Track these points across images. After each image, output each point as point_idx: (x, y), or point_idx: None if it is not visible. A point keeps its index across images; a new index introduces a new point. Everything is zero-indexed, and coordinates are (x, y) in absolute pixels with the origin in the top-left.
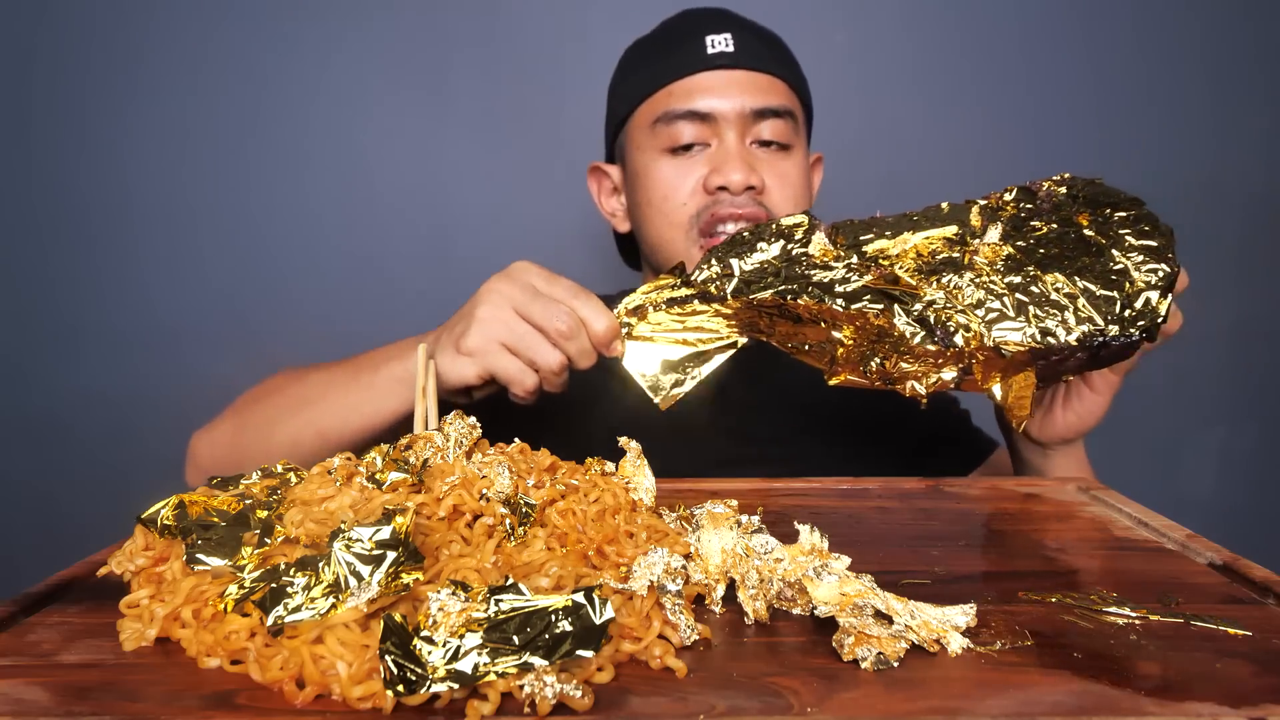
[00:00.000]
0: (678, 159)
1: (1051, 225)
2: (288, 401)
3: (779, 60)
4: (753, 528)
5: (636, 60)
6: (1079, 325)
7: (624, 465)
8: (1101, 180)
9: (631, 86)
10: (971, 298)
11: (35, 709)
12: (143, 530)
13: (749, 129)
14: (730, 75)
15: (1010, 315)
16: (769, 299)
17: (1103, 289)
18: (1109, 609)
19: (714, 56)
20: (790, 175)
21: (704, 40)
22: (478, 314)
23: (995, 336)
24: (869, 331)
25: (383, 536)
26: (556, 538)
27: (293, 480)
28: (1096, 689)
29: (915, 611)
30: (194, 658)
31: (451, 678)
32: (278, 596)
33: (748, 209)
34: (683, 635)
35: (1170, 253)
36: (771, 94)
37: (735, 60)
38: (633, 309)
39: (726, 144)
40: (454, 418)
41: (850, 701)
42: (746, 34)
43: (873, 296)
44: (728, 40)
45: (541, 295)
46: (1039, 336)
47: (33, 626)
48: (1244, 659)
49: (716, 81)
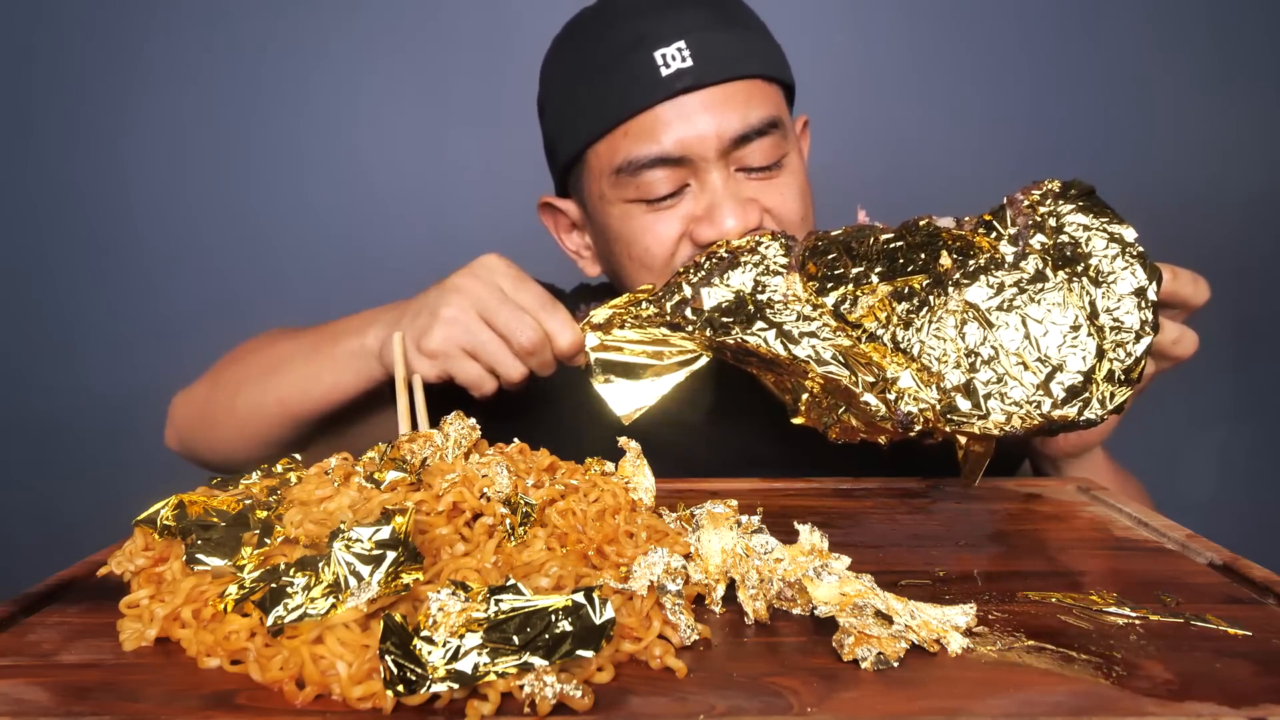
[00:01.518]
0: (655, 211)
1: (1021, 272)
2: (256, 367)
3: (744, 48)
4: (753, 528)
5: (572, 75)
6: (1034, 413)
7: (624, 465)
8: (1089, 191)
9: (573, 120)
10: (930, 375)
11: (35, 709)
12: (142, 530)
13: (730, 156)
14: (696, 99)
15: (967, 406)
16: (735, 344)
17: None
18: (1109, 609)
19: (671, 79)
20: (788, 192)
21: (653, 57)
22: (441, 314)
23: (950, 425)
24: (837, 389)
25: (382, 536)
26: (556, 538)
27: (292, 480)
28: (1096, 689)
29: (915, 611)
30: (194, 658)
31: (451, 678)
32: (278, 596)
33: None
34: (683, 635)
35: (1148, 303)
36: (750, 106)
37: (698, 77)
38: (599, 323)
39: (710, 186)
40: (454, 418)
41: (850, 701)
42: (702, 28)
43: (841, 362)
44: (682, 52)
45: (508, 302)
46: (992, 430)
47: (33, 626)
48: (1244, 659)
49: (680, 111)
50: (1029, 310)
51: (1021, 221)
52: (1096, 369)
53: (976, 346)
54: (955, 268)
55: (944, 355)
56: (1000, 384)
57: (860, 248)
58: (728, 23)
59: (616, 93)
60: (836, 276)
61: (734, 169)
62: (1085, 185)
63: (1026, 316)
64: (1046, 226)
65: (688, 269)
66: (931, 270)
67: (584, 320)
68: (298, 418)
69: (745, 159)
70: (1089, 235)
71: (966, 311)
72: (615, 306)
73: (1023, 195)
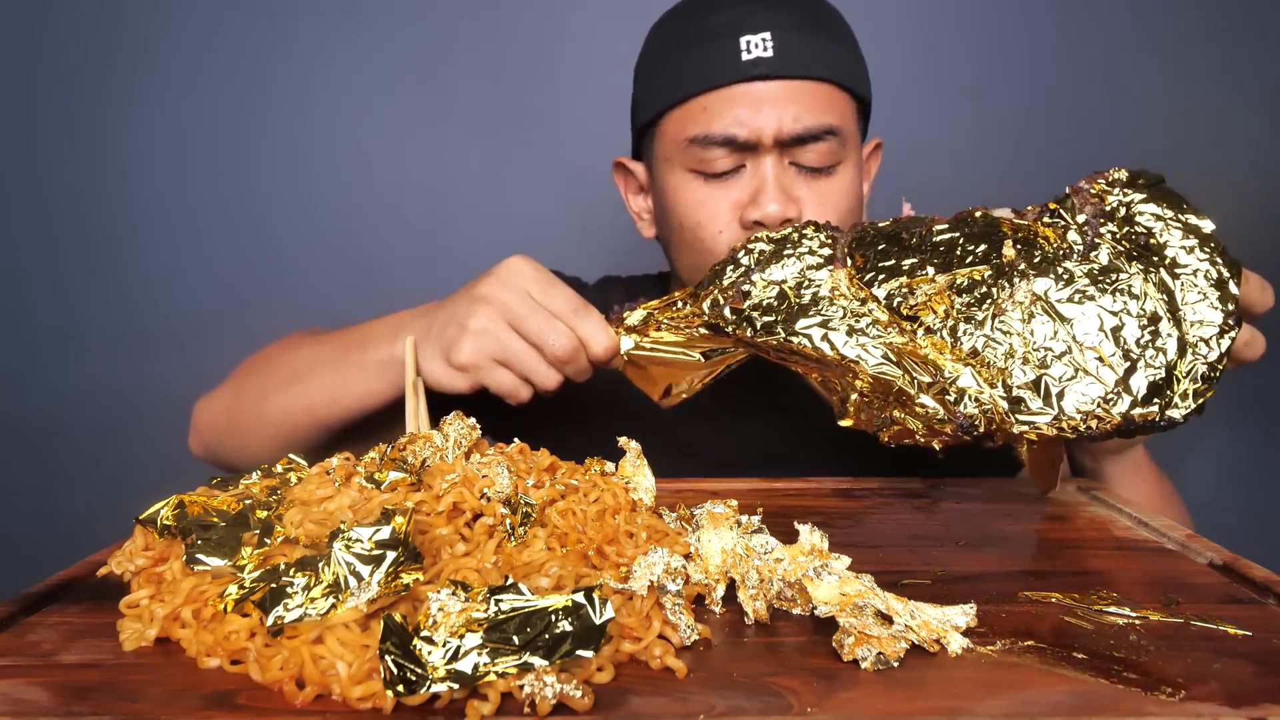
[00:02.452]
0: (710, 185)
1: (1092, 263)
2: (282, 374)
3: (826, 57)
4: (753, 528)
5: (665, 48)
6: (1112, 411)
7: (624, 465)
8: (1158, 180)
9: (659, 86)
10: (995, 372)
11: (35, 709)
12: (142, 530)
13: (788, 150)
14: (768, 89)
15: (1038, 404)
16: (777, 344)
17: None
18: (1109, 609)
19: (750, 65)
20: (832, 197)
21: (739, 42)
22: (470, 325)
23: (1019, 427)
24: (889, 391)
25: (382, 536)
26: (556, 538)
27: (293, 480)
28: (1096, 689)
29: (915, 611)
30: (194, 658)
31: (451, 678)
32: (277, 597)
33: None
34: (683, 635)
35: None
36: (814, 109)
37: (773, 68)
38: (634, 325)
39: (762, 171)
40: (454, 418)
41: (850, 701)
42: (788, 28)
43: (893, 361)
44: (766, 43)
45: (538, 309)
46: (1066, 431)
47: (33, 626)
48: (1244, 659)
49: (753, 97)
50: (1103, 302)
51: (1089, 210)
52: (1179, 365)
53: (1047, 341)
54: (1020, 258)
55: (1011, 350)
56: (1075, 380)
57: (911, 239)
58: (813, 28)
59: (699, 67)
60: (888, 268)
61: (788, 162)
62: (1154, 174)
63: (1101, 309)
64: (1117, 216)
65: (726, 264)
66: (993, 261)
67: (618, 322)
68: (328, 425)
69: (800, 156)
70: (1163, 226)
71: (1035, 304)
72: (650, 307)
73: (1087, 184)
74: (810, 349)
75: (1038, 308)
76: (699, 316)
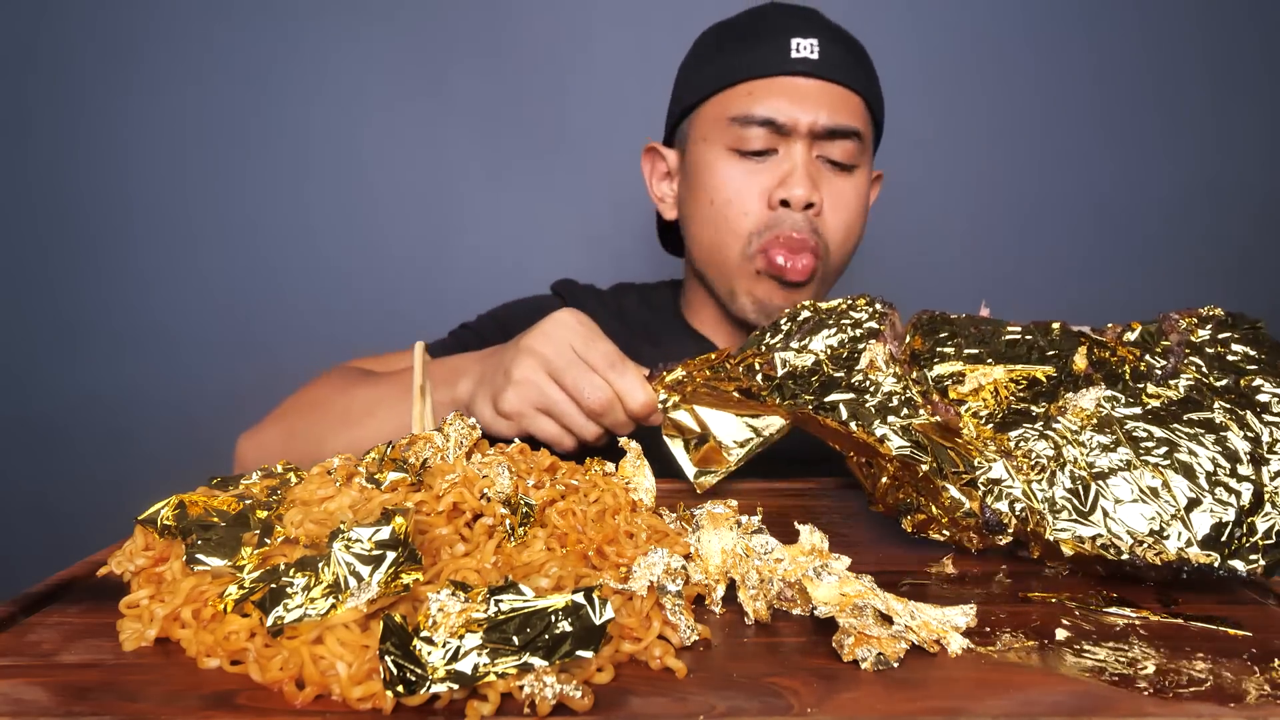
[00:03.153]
0: (745, 163)
1: (1172, 390)
2: (337, 415)
3: (859, 73)
4: (753, 528)
5: (714, 47)
6: (1164, 545)
7: (624, 465)
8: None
9: (706, 75)
10: (1038, 473)
11: (35, 709)
12: (143, 530)
13: (817, 143)
14: (810, 85)
15: (1081, 510)
16: (805, 415)
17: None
18: (1109, 609)
19: (797, 61)
20: (846, 197)
21: (789, 42)
22: (514, 375)
23: (1056, 533)
24: (913, 472)
25: (382, 537)
26: (556, 538)
27: (293, 480)
28: (1096, 689)
29: (915, 611)
30: (194, 658)
31: (451, 678)
32: (277, 597)
33: (805, 233)
34: (683, 635)
35: None
36: (845, 111)
37: (817, 68)
38: (672, 382)
39: (794, 156)
40: (454, 418)
41: (850, 701)
42: (832, 41)
43: (920, 445)
44: (814, 46)
45: (577, 362)
46: (1108, 553)
47: (33, 626)
48: (1244, 659)
49: (795, 89)
50: (1175, 428)
51: (1175, 339)
52: (1255, 517)
53: (1105, 454)
54: (1091, 368)
55: (1060, 455)
56: (1129, 503)
57: (979, 332)
58: (852, 50)
59: (751, 56)
60: (946, 354)
61: (816, 154)
62: (1252, 319)
63: (1173, 435)
64: (1205, 351)
65: (768, 330)
66: (1061, 367)
67: (659, 380)
68: None
69: (827, 150)
70: (1257, 369)
71: (1098, 413)
72: (690, 366)
73: (1179, 316)
74: (836, 424)
75: (1101, 419)
76: (734, 381)
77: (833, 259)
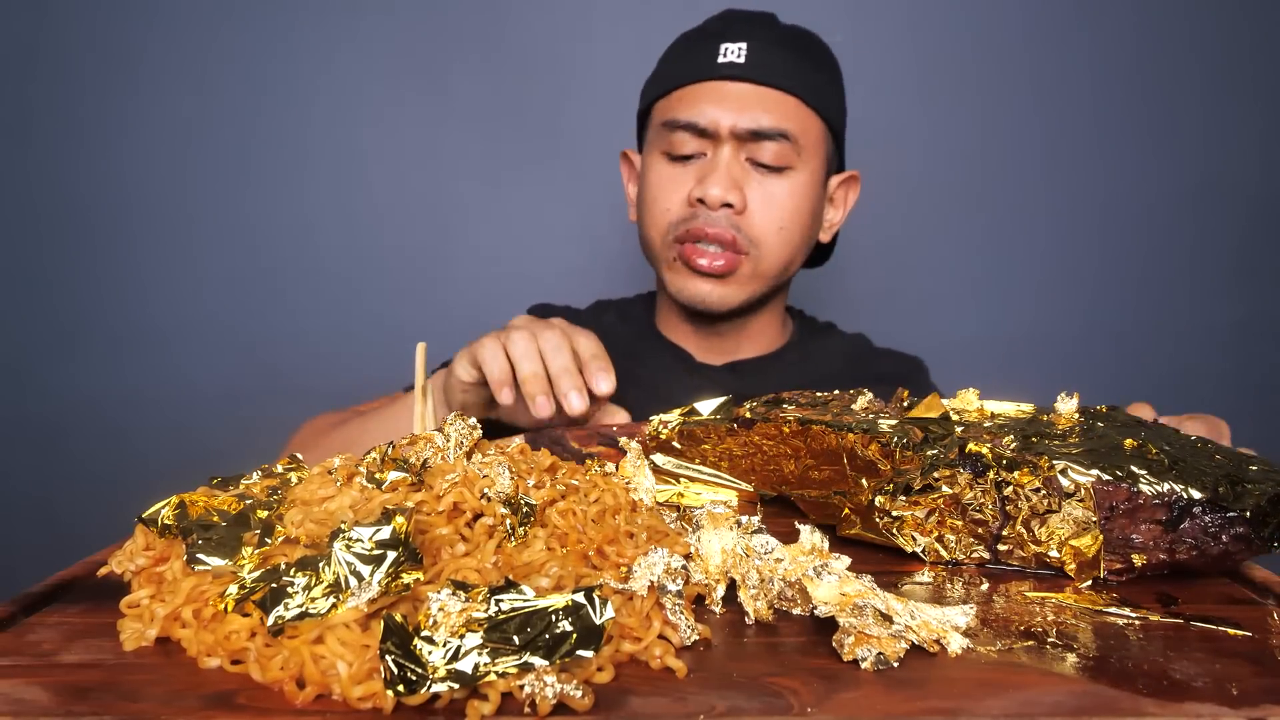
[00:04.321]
0: (675, 166)
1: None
2: (342, 447)
3: (797, 75)
4: (753, 528)
5: (668, 54)
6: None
7: (624, 465)
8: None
9: (653, 82)
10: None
11: (35, 709)
12: (143, 530)
13: (745, 146)
14: (735, 88)
15: (1081, 461)
16: (798, 422)
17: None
18: (1109, 609)
19: (722, 66)
20: (777, 198)
21: (718, 47)
22: (484, 337)
23: (1055, 464)
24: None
25: (383, 536)
26: (557, 538)
27: (293, 480)
28: (1096, 689)
29: (915, 611)
30: (194, 658)
31: (452, 678)
32: (278, 596)
33: (721, 228)
34: (683, 635)
35: None
36: (771, 113)
37: (743, 72)
38: (665, 422)
39: (717, 159)
40: (454, 418)
41: (850, 701)
42: (768, 44)
43: (901, 430)
44: (741, 50)
45: (547, 332)
46: (1110, 479)
47: (33, 626)
48: (1244, 659)
49: (720, 93)
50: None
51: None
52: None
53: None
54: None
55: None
56: (1122, 459)
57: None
58: (793, 50)
59: (682, 63)
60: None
61: (745, 157)
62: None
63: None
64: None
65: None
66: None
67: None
68: None
69: (755, 153)
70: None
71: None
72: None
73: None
74: (820, 428)
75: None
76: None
77: (766, 259)
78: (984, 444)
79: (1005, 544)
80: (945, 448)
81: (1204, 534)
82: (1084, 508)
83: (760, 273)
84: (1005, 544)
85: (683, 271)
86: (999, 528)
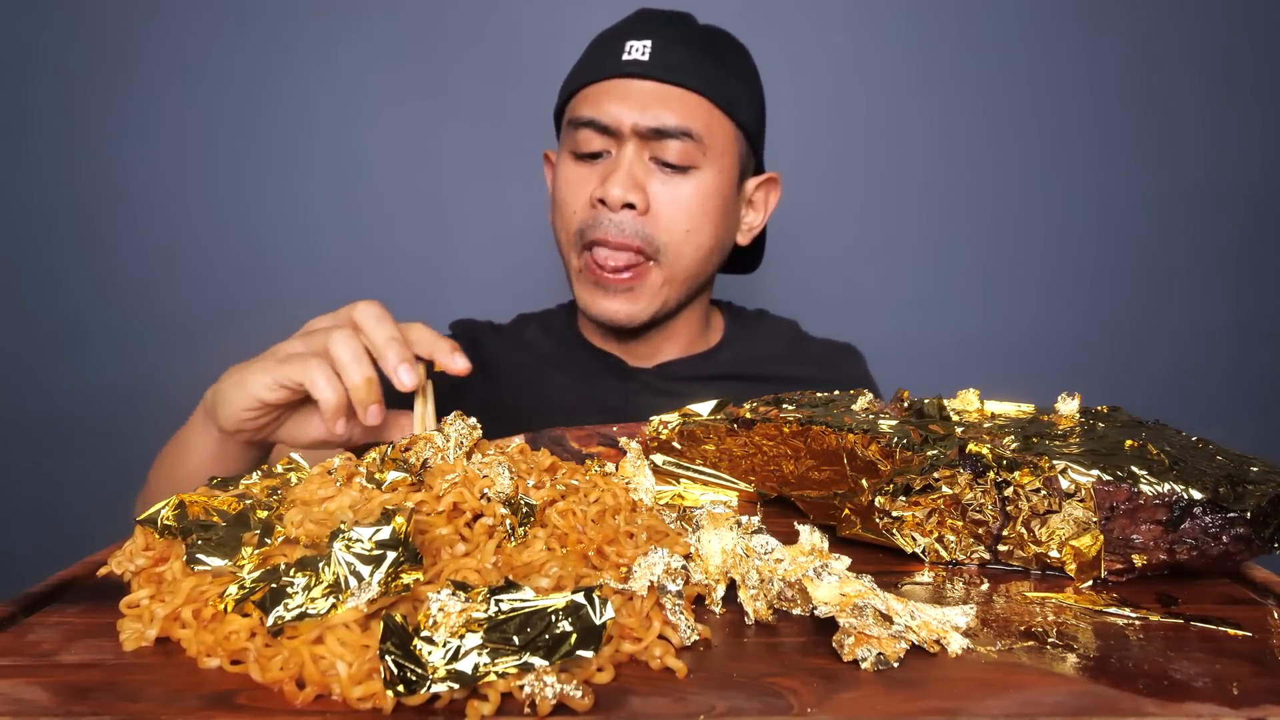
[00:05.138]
0: (581, 166)
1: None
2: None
3: (703, 72)
4: (753, 528)
5: (583, 53)
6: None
7: (624, 465)
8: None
9: (566, 80)
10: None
11: (35, 709)
12: (142, 530)
13: (648, 144)
14: (638, 86)
15: (1082, 461)
16: (798, 423)
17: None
18: (1109, 609)
19: (627, 64)
20: (682, 197)
21: (623, 45)
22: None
23: (1055, 464)
24: (892, 458)
25: (383, 537)
26: (556, 538)
27: (293, 480)
28: (1096, 689)
29: (915, 611)
30: (194, 658)
31: (451, 678)
32: (278, 596)
33: (626, 238)
34: (683, 635)
35: None
36: (673, 111)
37: (646, 70)
38: (666, 422)
39: (620, 158)
40: (454, 418)
41: (850, 701)
42: (673, 42)
43: (901, 430)
44: (645, 48)
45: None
46: (1110, 479)
47: (33, 626)
48: (1244, 659)
49: (623, 91)
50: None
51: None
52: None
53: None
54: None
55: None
56: (1123, 460)
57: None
58: (701, 49)
59: (589, 62)
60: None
61: (648, 156)
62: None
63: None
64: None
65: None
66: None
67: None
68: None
69: (659, 152)
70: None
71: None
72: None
73: None
74: (821, 429)
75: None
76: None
77: (676, 263)
78: (984, 444)
79: (1005, 544)
80: (945, 448)
81: (1204, 534)
82: (1084, 508)
83: (671, 278)
84: (1005, 544)
85: (589, 286)
86: (999, 528)
